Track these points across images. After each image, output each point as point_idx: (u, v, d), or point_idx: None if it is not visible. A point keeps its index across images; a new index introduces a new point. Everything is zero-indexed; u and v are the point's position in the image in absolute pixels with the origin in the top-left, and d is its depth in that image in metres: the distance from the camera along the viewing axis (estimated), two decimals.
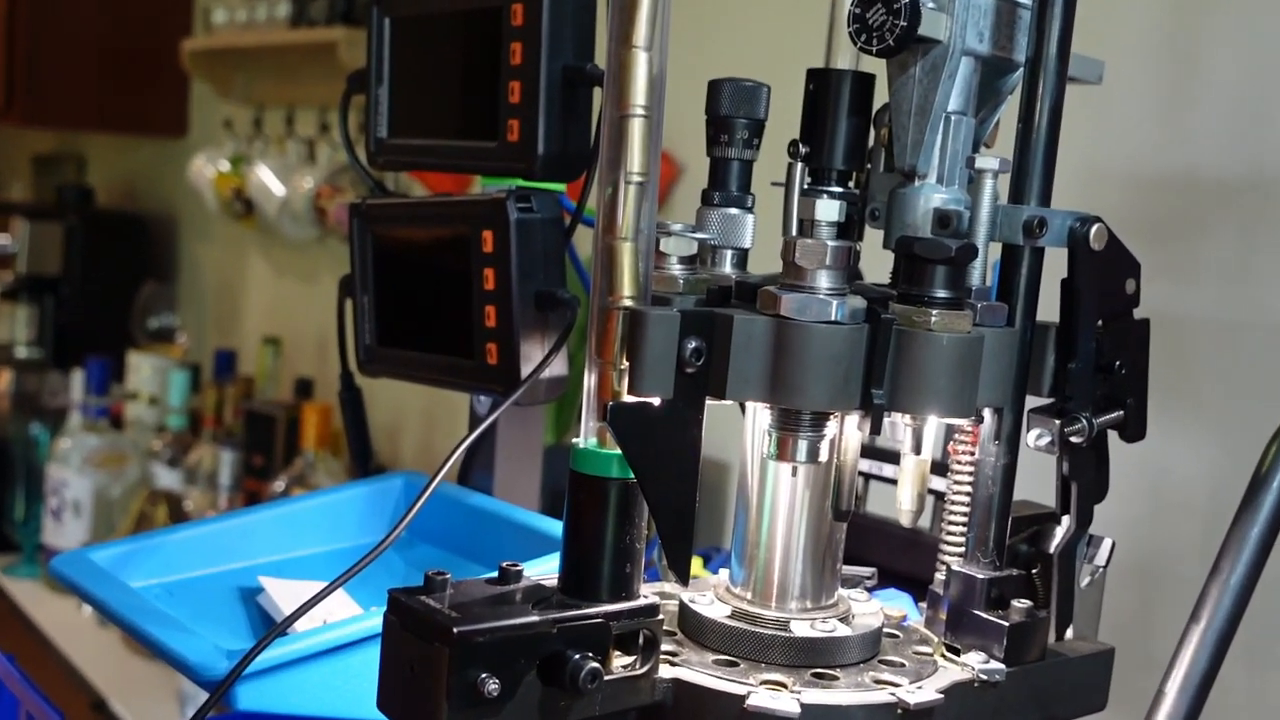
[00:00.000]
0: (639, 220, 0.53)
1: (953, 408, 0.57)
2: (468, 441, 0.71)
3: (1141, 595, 1.06)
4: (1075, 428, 0.62)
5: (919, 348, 0.56)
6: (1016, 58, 0.63)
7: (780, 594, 0.62)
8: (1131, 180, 1.11)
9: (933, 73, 0.60)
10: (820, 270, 0.56)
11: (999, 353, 0.60)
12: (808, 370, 0.55)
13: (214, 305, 2.98)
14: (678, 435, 0.54)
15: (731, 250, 0.65)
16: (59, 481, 2.23)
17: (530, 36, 0.73)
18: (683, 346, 0.53)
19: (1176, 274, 1.06)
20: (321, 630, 0.68)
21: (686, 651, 0.60)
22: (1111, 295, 0.63)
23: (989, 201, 0.61)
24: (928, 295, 0.57)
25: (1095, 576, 0.65)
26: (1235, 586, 0.60)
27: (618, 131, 0.53)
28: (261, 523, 0.86)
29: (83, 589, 0.75)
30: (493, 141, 0.76)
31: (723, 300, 0.61)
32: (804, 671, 0.59)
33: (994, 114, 0.66)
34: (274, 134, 2.65)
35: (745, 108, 0.64)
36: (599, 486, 0.54)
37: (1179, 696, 0.59)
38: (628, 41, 0.53)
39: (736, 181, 0.65)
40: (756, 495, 0.62)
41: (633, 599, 0.55)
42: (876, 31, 0.59)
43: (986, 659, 0.61)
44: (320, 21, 2.28)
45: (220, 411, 2.39)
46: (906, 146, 0.62)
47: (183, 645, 0.67)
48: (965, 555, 0.64)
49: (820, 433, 0.59)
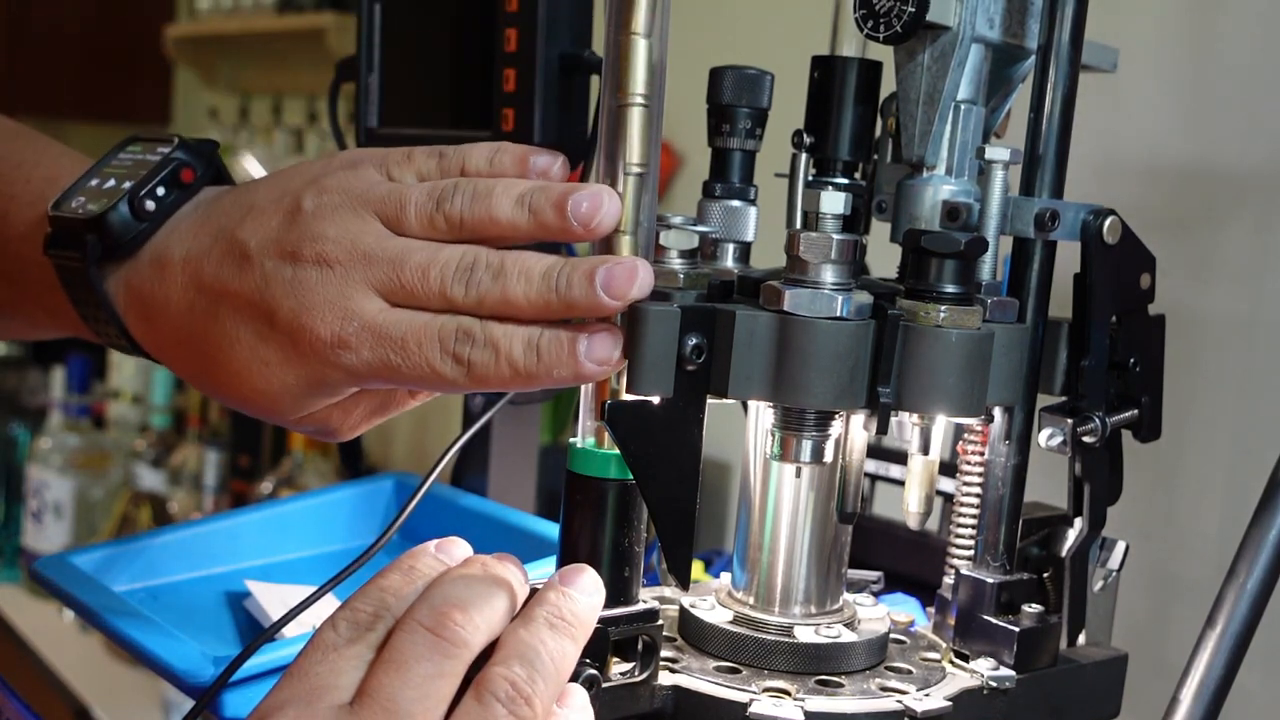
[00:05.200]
0: (638, 213, 0.53)
1: (962, 406, 0.56)
2: (461, 441, 0.70)
3: (1156, 600, 1.05)
4: (1088, 427, 0.61)
5: (927, 345, 0.55)
6: (1028, 45, 0.62)
7: (784, 599, 0.62)
8: (1147, 172, 1.10)
9: (941, 60, 0.59)
10: (825, 264, 0.55)
11: (1009, 350, 0.59)
12: (812, 368, 0.54)
13: None
14: (678, 435, 0.53)
15: (733, 244, 0.64)
16: (39, 483, 2.21)
17: (526, 22, 0.72)
18: (683, 343, 0.52)
19: (1193, 269, 1.05)
20: (311, 636, 0.67)
21: (687, 658, 0.60)
22: (1126, 290, 0.62)
23: (999, 193, 0.60)
24: (936, 290, 0.56)
25: (1108, 580, 0.65)
26: (1252, 591, 0.59)
27: (616, 121, 0.53)
28: (248, 525, 0.85)
29: (64, 593, 0.74)
30: (487, 131, 0.76)
31: (724, 295, 0.60)
32: (808, 679, 0.58)
33: (1005, 103, 0.65)
34: (261, 124, 2.63)
35: (748, 96, 0.63)
36: (596, 488, 0.54)
37: (1194, 703, 0.59)
38: (627, 28, 0.52)
39: (739, 173, 0.64)
40: (759, 497, 0.62)
41: (631, 604, 0.54)
42: (884, 17, 0.58)
43: (996, 665, 0.61)
44: (308, 7, 2.26)
45: (205, 410, 2.37)
46: (914, 136, 0.61)
47: (168, 651, 0.66)
48: (974, 558, 0.63)
49: (825, 432, 0.58)
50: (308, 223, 0.55)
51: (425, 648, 0.46)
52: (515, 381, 0.51)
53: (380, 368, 0.53)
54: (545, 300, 0.51)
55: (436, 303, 0.53)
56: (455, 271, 0.52)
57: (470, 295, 0.52)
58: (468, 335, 0.52)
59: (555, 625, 0.48)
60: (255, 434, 2.17)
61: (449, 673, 0.46)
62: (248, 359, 0.56)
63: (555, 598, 0.49)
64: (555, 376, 0.51)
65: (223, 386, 0.58)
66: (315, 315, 0.53)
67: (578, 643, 0.49)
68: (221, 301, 0.56)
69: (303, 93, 2.54)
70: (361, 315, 0.53)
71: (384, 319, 0.53)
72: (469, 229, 0.54)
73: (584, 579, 0.51)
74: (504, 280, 0.52)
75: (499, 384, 0.52)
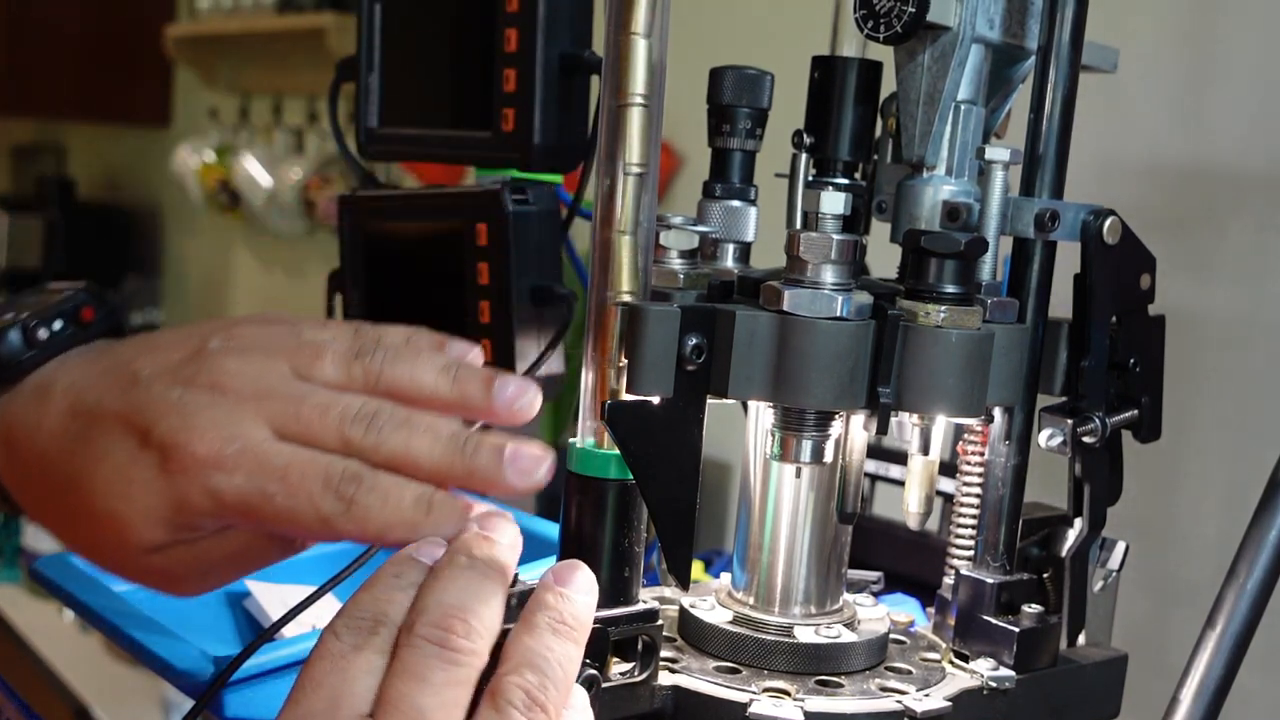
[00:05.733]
0: (638, 213, 0.53)
1: (962, 407, 0.56)
2: None
3: (1156, 600, 1.05)
4: (1088, 427, 0.61)
5: (927, 345, 0.55)
6: (1028, 45, 0.62)
7: (784, 599, 0.61)
8: (1147, 172, 1.10)
9: (942, 60, 0.59)
10: (825, 265, 0.55)
11: (1009, 350, 0.59)
12: (812, 368, 0.54)
13: (199, 300, 2.96)
14: (678, 435, 0.53)
15: (733, 244, 0.64)
16: None
17: (526, 22, 0.72)
18: (683, 343, 0.52)
19: (1193, 269, 1.05)
20: (311, 636, 0.67)
21: (687, 658, 0.59)
22: (1126, 291, 0.62)
23: (999, 194, 0.60)
24: (936, 290, 0.56)
25: (1108, 581, 0.65)
26: (1252, 591, 0.59)
27: (616, 121, 0.52)
28: None
29: (65, 592, 0.74)
30: (487, 131, 0.75)
31: (724, 295, 0.60)
32: (808, 679, 0.58)
33: (1005, 103, 0.65)
34: (261, 123, 2.63)
35: (748, 96, 0.63)
36: (596, 488, 0.53)
37: (1194, 703, 0.59)
38: (627, 28, 0.52)
39: (739, 173, 0.64)
40: (759, 497, 0.61)
41: (631, 604, 0.54)
42: (884, 18, 0.58)
43: (996, 666, 0.61)
44: (308, 7, 2.26)
45: None
46: (914, 137, 0.61)
47: (168, 651, 0.66)
48: (974, 559, 0.63)
49: (825, 432, 0.58)
50: (211, 357, 0.53)
51: (436, 659, 0.45)
52: (394, 531, 0.50)
53: (252, 496, 0.50)
54: (449, 461, 0.51)
55: (330, 441, 0.51)
56: (358, 413, 0.51)
57: (369, 438, 0.51)
58: (356, 478, 0.50)
59: (558, 630, 0.48)
60: None
61: (464, 680, 0.46)
62: (110, 478, 0.52)
63: (554, 600, 0.49)
64: (439, 534, 0.50)
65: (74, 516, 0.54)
66: (195, 433, 0.50)
67: (580, 645, 0.49)
68: (96, 424, 0.53)
69: (303, 93, 2.54)
70: (245, 439, 0.50)
71: (268, 447, 0.50)
72: (385, 385, 0.52)
73: (579, 577, 0.50)
74: (409, 431, 0.51)
75: (376, 530, 0.50)
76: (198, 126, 2.79)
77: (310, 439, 0.51)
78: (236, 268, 2.84)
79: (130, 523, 0.52)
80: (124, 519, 0.52)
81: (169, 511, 0.51)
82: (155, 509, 0.51)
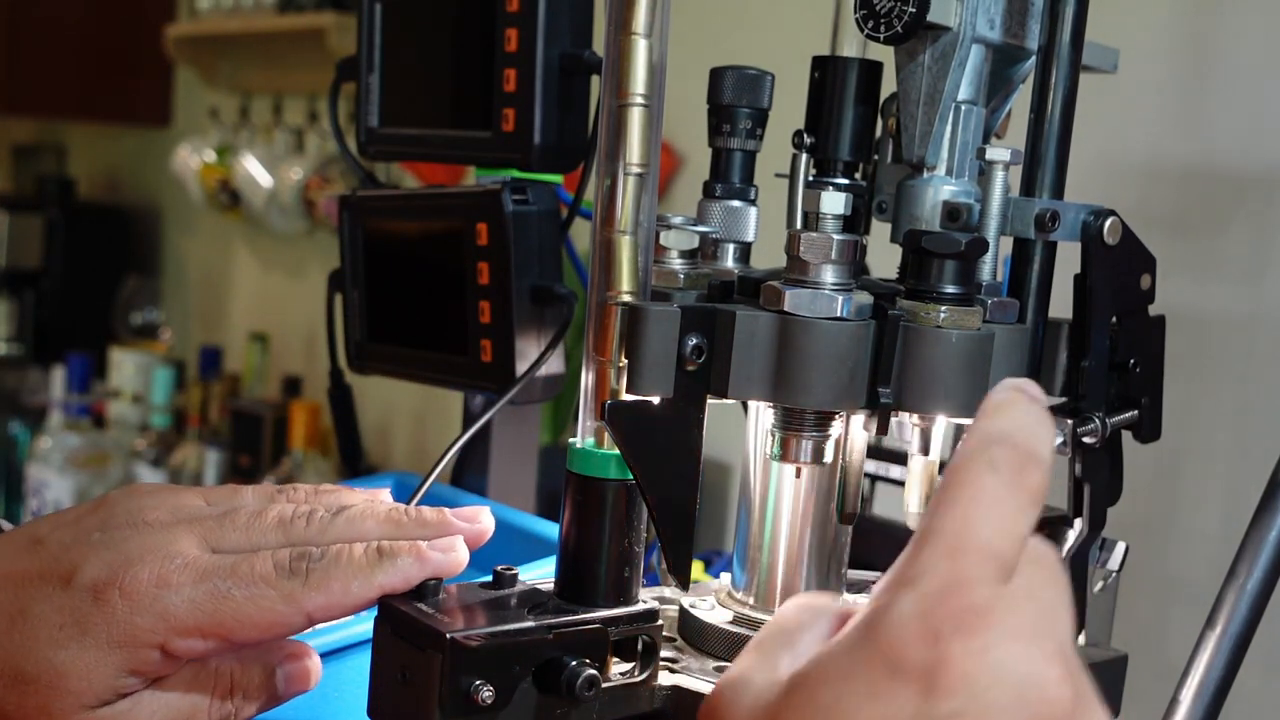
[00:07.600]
0: (638, 213, 0.53)
1: (962, 407, 0.56)
2: (461, 441, 0.70)
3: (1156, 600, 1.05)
4: (1088, 428, 0.61)
5: (927, 345, 0.55)
6: (1029, 45, 0.62)
7: (784, 599, 0.61)
8: (1147, 173, 1.10)
9: (942, 60, 0.59)
10: (825, 265, 0.55)
11: (1010, 350, 0.59)
12: (812, 368, 0.54)
13: (199, 300, 2.96)
14: (678, 435, 0.53)
15: (734, 244, 0.64)
16: (39, 482, 2.21)
17: (526, 22, 0.72)
18: (683, 343, 0.52)
19: (1193, 269, 1.05)
20: (310, 636, 0.67)
21: (687, 658, 0.59)
22: (1126, 291, 0.62)
23: (1000, 194, 0.60)
24: (936, 291, 0.56)
25: (1108, 581, 0.65)
26: (1252, 591, 0.59)
27: (616, 121, 0.52)
28: None
29: None
30: (487, 131, 0.75)
31: (724, 295, 0.60)
32: None
33: (1005, 103, 0.65)
34: (261, 123, 2.63)
35: (748, 96, 0.63)
36: (597, 488, 0.53)
37: (1194, 703, 0.59)
38: (627, 28, 0.52)
39: (739, 173, 0.64)
40: (759, 497, 0.61)
41: (631, 604, 0.54)
42: (884, 18, 0.58)
43: None
44: (309, 7, 2.26)
45: (205, 410, 2.37)
46: (915, 137, 0.60)
47: None
48: None
49: (825, 433, 0.58)
50: (118, 502, 0.52)
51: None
52: (355, 585, 0.50)
53: (206, 603, 0.48)
54: (395, 520, 0.53)
55: (273, 542, 0.51)
56: (294, 514, 0.53)
57: (310, 532, 0.52)
58: (305, 554, 0.51)
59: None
60: (255, 433, 2.17)
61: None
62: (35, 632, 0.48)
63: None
64: (396, 573, 0.51)
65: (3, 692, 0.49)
66: (131, 562, 0.49)
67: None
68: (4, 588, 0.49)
69: (303, 93, 2.54)
70: (185, 555, 0.50)
71: (212, 557, 0.50)
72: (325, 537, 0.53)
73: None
74: (346, 520, 0.53)
75: (340, 588, 0.50)
76: (198, 126, 2.79)
77: (252, 546, 0.51)
78: (236, 267, 2.84)
79: (66, 673, 0.48)
80: (60, 669, 0.48)
81: (109, 652, 0.48)
82: (95, 659, 0.48)
